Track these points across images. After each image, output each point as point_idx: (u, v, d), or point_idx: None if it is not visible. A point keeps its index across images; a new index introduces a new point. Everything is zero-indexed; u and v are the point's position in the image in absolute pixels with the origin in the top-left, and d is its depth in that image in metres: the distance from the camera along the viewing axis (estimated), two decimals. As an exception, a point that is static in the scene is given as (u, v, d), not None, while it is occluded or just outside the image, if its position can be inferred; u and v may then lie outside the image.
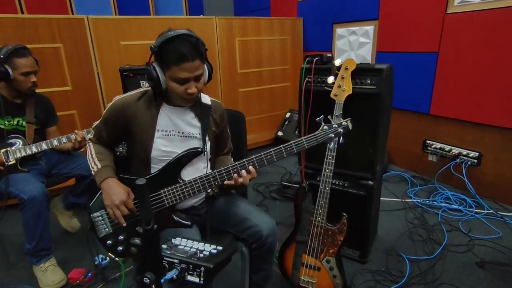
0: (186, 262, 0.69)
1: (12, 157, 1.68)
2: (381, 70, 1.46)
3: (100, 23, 2.61)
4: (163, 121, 1.19)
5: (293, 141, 1.19)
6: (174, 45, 1.03)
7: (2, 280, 1.74)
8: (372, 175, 1.62)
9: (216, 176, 1.14)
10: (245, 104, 3.67)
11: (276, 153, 1.16)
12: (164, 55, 1.06)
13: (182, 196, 1.15)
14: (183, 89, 1.10)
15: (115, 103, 1.19)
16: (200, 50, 1.07)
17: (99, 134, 1.24)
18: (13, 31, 2.32)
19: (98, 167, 1.16)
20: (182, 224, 1.16)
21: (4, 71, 1.59)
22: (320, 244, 1.45)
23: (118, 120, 1.18)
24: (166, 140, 1.19)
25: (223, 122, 1.34)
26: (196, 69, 1.08)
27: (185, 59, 1.04)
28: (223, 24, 3.23)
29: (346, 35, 3.27)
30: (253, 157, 1.15)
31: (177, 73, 1.06)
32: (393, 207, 2.36)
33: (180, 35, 1.04)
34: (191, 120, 1.23)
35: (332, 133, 1.25)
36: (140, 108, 1.18)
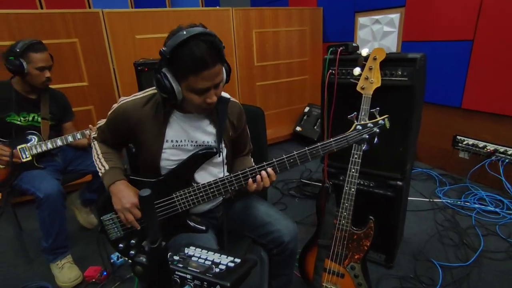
0: (200, 279, 0.61)
1: (28, 153, 1.67)
2: (415, 59, 1.32)
3: (115, 17, 2.57)
4: (173, 131, 1.06)
5: (320, 143, 1.05)
6: (189, 49, 0.85)
7: (21, 275, 1.75)
8: (401, 175, 1.49)
9: (233, 181, 1.03)
10: (263, 98, 3.57)
11: (300, 157, 1.03)
12: (178, 62, 0.88)
13: (196, 201, 1.05)
14: (202, 99, 0.95)
15: (118, 108, 1.06)
16: (220, 52, 0.91)
17: (103, 135, 1.15)
18: (30, 26, 2.31)
19: (106, 169, 1.08)
20: (196, 229, 1.08)
21: (19, 64, 1.56)
22: (345, 249, 1.34)
23: (121, 127, 1.07)
24: (177, 150, 1.08)
25: (241, 124, 1.19)
26: (217, 75, 0.92)
27: (205, 66, 0.87)
28: (239, 15, 3.12)
29: (369, 24, 3.09)
30: (274, 160, 1.03)
31: (196, 83, 0.90)
32: (420, 207, 2.21)
33: (196, 35, 0.85)
34: (206, 127, 1.10)
35: (367, 133, 1.11)
36: (146, 116, 1.04)
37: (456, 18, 2.40)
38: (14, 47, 1.58)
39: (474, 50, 2.33)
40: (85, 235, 2.08)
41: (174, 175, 1.07)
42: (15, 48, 1.57)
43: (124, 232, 1.11)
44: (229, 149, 1.17)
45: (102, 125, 1.14)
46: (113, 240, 1.13)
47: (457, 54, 2.45)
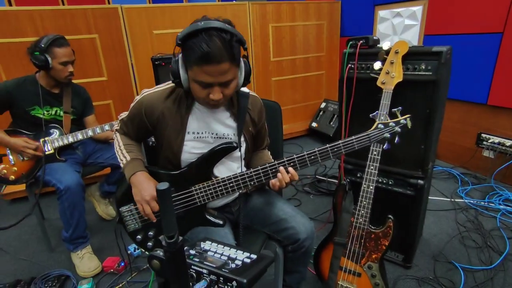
0: (216, 274, 0.60)
1: (51, 146, 1.72)
2: (440, 53, 1.26)
3: (133, 12, 2.60)
4: (195, 123, 1.07)
5: (342, 140, 1.04)
6: (199, 40, 0.84)
7: (43, 262, 1.82)
8: (423, 174, 1.43)
9: (253, 176, 1.03)
10: (278, 93, 3.54)
11: (322, 154, 1.01)
12: (187, 50, 0.88)
13: (214, 195, 1.06)
14: (205, 93, 0.94)
15: (141, 100, 1.07)
16: (231, 50, 0.87)
17: (125, 127, 1.16)
18: (52, 23, 2.37)
19: (127, 160, 1.09)
20: (214, 223, 1.09)
21: (44, 59, 1.61)
22: (362, 248, 1.31)
23: (144, 118, 1.07)
24: (198, 142, 1.08)
25: (261, 120, 1.19)
26: (222, 73, 0.89)
27: (208, 60, 0.85)
28: (256, 9, 3.09)
29: (390, 17, 2.99)
30: (295, 156, 1.02)
31: (197, 75, 0.90)
32: (440, 206, 2.13)
33: (210, 28, 0.85)
34: (225, 120, 1.10)
35: (388, 132, 1.08)
36: (169, 108, 1.05)
37: (484, 9, 2.28)
38: (39, 42, 1.62)
39: (503, 44, 2.21)
40: (104, 226, 2.13)
41: (193, 169, 1.08)
42: (40, 44, 1.61)
43: (142, 224, 1.12)
44: (248, 144, 1.17)
45: (124, 117, 1.15)
46: (131, 231, 1.14)
47: (484, 48, 2.33)
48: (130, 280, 1.64)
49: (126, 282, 1.62)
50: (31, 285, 1.57)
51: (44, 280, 1.61)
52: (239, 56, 0.93)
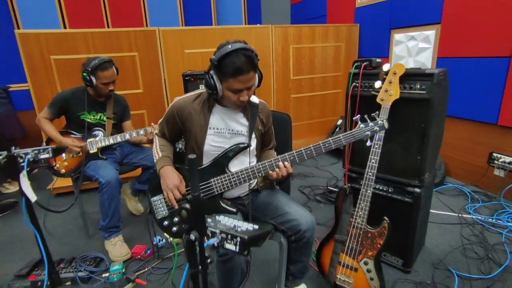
0: (225, 233, 0.81)
1: (95, 146, 2.03)
2: (432, 74, 1.43)
3: (168, 34, 2.96)
4: (215, 120, 1.34)
5: (331, 137, 1.26)
6: (232, 59, 1.15)
7: (82, 247, 2.09)
8: (419, 183, 1.57)
9: (260, 168, 1.26)
10: (296, 109, 3.76)
11: (316, 149, 1.25)
12: (222, 68, 1.18)
13: (229, 185, 1.29)
14: (237, 97, 1.23)
15: (174, 104, 1.37)
16: (254, 62, 1.19)
17: (162, 130, 1.45)
18: (101, 42, 2.76)
19: (160, 156, 1.37)
20: (228, 211, 1.30)
21: (89, 80, 1.95)
22: (359, 245, 1.47)
23: (176, 119, 1.36)
24: (217, 136, 1.34)
25: (268, 121, 1.45)
26: (250, 80, 1.21)
27: (242, 72, 1.16)
28: (278, 32, 3.38)
29: (405, 40, 3.17)
30: (294, 152, 1.25)
31: (233, 84, 1.19)
32: (446, 220, 2.21)
33: (238, 49, 1.15)
34: (240, 119, 1.37)
35: (368, 131, 1.30)
36: (195, 109, 1.34)
37: (493, 35, 2.41)
38: (87, 65, 1.94)
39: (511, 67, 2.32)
40: (133, 220, 2.40)
41: (212, 165, 1.33)
42: (88, 67, 1.93)
43: (169, 211, 1.36)
44: (258, 141, 1.42)
45: (161, 121, 1.45)
46: (159, 219, 1.38)
47: (493, 71, 2.44)
48: (154, 266, 1.86)
49: (151, 268, 1.84)
50: (72, 262, 1.83)
51: (83, 260, 1.87)
52: (257, 65, 1.23)
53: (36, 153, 1.22)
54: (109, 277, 1.77)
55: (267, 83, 3.50)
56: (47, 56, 2.66)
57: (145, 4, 4.21)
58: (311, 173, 3.18)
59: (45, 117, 2.03)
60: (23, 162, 1.17)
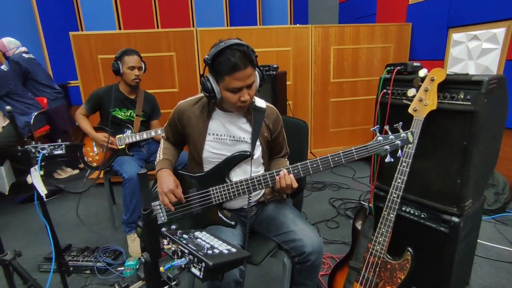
0: (193, 255, 0.74)
1: (123, 142, 2.11)
2: (480, 82, 1.18)
3: (205, 34, 2.99)
4: (215, 126, 1.26)
5: (342, 151, 1.12)
6: (225, 56, 1.07)
7: (107, 237, 2.20)
8: (458, 211, 1.32)
9: (261, 180, 1.16)
10: (336, 114, 3.54)
11: (323, 162, 1.12)
12: (217, 66, 1.10)
13: (228, 195, 1.21)
14: (237, 98, 1.13)
15: (176, 108, 1.31)
16: (250, 57, 1.09)
17: (167, 133, 1.40)
18: (143, 42, 2.89)
19: (159, 159, 1.33)
20: (226, 223, 1.22)
21: (117, 66, 2.06)
22: (376, 276, 1.28)
23: (177, 123, 1.30)
24: (217, 143, 1.26)
25: (276, 128, 1.32)
26: (248, 77, 1.11)
27: (237, 68, 1.07)
28: (319, 32, 3.20)
29: (465, 40, 2.76)
30: (299, 164, 1.12)
31: (230, 83, 1.10)
32: (503, 257, 1.85)
33: (230, 45, 1.07)
34: (242, 125, 1.27)
35: (387, 145, 1.11)
36: (195, 113, 1.27)
37: None
38: (117, 54, 2.07)
39: None
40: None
41: (212, 172, 1.25)
42: (117, 55, 2.06)
43: (168, 217, 1.30)
44: (265, 149, 1.31)
45: (166, 125, 1.41)
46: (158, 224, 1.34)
47: None
48: (166, 266, 1.87)
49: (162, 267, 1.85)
50: (95, 252, 1.93)
51: (105, 251, 1.96)
52: (256, 61, 1.14)
53: (51, 148, 1.28)
54: (123, 271, 1.82)
55: (305, 86, 3.35)
56: (95, 56, 2.87)
57: (192, 5, 4.33)
58: (346, 184, 2.95)
59: (82, 113, 2.17)
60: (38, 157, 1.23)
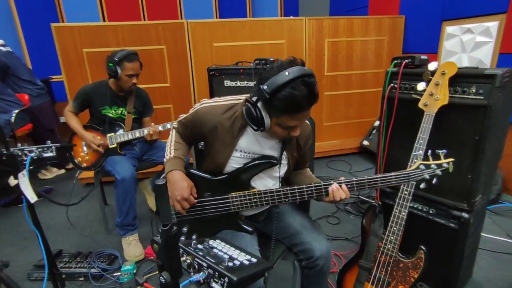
0: (213, 268, 0.67)
1: (114, 141, 2.00)
2: (494, 76, 1.15)
3: (197, 26, 2.87)
4: (245, 143, 1.11)
5: (380, 175, 1.06)
6: (290, 93, 0.88)
7: (100, 241, 2.10)
8: (468, 206, 1.31)
9: (288, 194, 1.06)
10: (330, 108, 3.50)
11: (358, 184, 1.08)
12: (276, 101, 0.91)
13: (249, 205, 1.10)
14: (287, 133, 1.01)
15: (199, 109, 1.13)
16: (317, 95, 0.93)
17: (181, 128, 1.22)
18: (130, 35, 2.75)
19: (171, 156, 1.16)
20: (244, 230, 1.14)
21: (115, 70, 1.90)
22: (388, 276, 1.25)
23: (197, 129, 1.13)
24: (243, 159, 1.12)
25: (307, 145, 1.22)
26: (307, 115, 0.97)
27: (302, 109, 0.92)
28: (313, 24, 3.13)
29: (459, 34, 2.76)
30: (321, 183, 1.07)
31: (287, 122, 0.96)
32: (504, 248, 1.87)
33: (298, 77, 0.88)
34: (275, 144, 1.13)
35: (428, 174, 1.08)
36: (223, 124, 1.08)
37: None
38: (114, 55, 1.90)
39: None
40: (152, 217, 2.36)
41: (233, 177, 1.13)
42: (115, 57, 1.89)
43: (177, 219, 1.21)
44: (290, 168, 1.20)
45: (182, 120, 1.20)
46: None
47: None
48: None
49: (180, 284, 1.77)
50: (88, 258, 1.83)
51: (98, 256, 1.86)
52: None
53: (40, 151, 1.17)
54: (120, 276, 1.73)
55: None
56: (80, 49, 2.71)
57: (180, -4, 4.18)
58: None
59: (70, 111, 2.04)
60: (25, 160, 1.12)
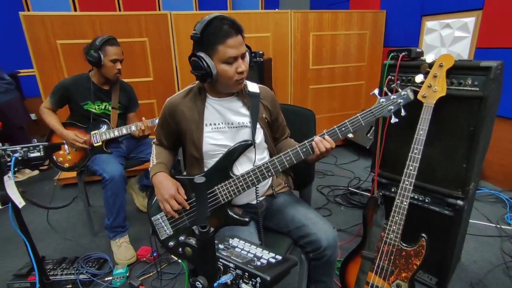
0: (242, 269, 0.64)
1: (99, 139, 1.88)
2: (489, 68, 1.19)
3: (180, 18, 2.76)
4: (210, 114, 1.17)
5: (348, 119, 1.12)
6: (215, 25, 1.02)
7: (86, 245, 1.98)
8: (463, 194, 1.36)
9: (269, 167, 1.09)
10: (315, 101, 3.52)
11: (331, 134, 1.12)
12: (207, 38, 1.03)
13: (236, 191, 1.11)
14: (234, 70, 1.06)
15: (165, 105, 1.20)
16: (239, 25, 1.05)
17: (159, 137, 1.28)
18: (109, 27, 2.59)
19: (153, 164, 1.21)
20: (239, 221, 1.12)
21: (97, 56, 1.77)
22: (391, 264, 1.28)
23: (169, 121, 1.19)
24: (217, 133, 1.17)
25: (275, 108, 1.27)
26: (241, 44, 1.05)
27: (230, 34, 1.02)
28: (298, 17, 3.12)
29: (438, 28, 2.86)
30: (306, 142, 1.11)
31: (225, 52, 1.03)
32: (484, 232, 1.99)
33: (217, 16, 1.03)
34: (239, 109, 1.19)
35: (391, 104, 1.14)
36: (187, 105, 1.17)
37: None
38: (94, 41, 1.79)
39: None
40: (141, 217, 2.27)
41: (214, 170, 1.14)
42: (95, 42, 1.78)
43: (173, 230, 1.17)
44: (266, 132, 1.23)
45: (156, 128, 1.27)
46: (163, 239, 1.19)
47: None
48: (160, 271, 1.73)
49: (156, 272, 1.71)
50: (75, 263, 1.72)
51: (86, 260, 1.76)
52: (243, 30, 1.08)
53: (25, 151, 1.07)
54: (112, 281, 1.65)
55: (284, 73, 3.27)
56: (53, 41, 2.52)
57: (158, -14, 4.01)
58: (330, 171, 2.97)
59: (47, 108, 1.89)
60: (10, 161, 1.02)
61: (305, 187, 1.45)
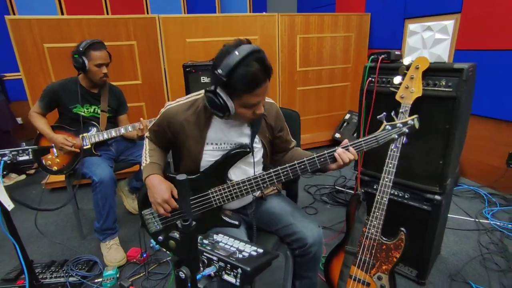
0: (224, 261, 0.68)
1: (88, 141, 1.90)
2: (461, 70, 1.27)
3: (169, 22, 2.79)
4: (213, 134, 1.14)
5: (351, 142, 1.11)
6: (244, 70, 0.92)
7: (75, 248, 1.98)
8: (440, 189, 1.43)
9: (265, 179, 1.09)
10: (302, 103, 3.59)
11: (330, 156, 1.10)
12: (233, 83, 0.94)
13: (230, 197, 1.13)
14: (251, 112, 1.03)
15: (165, 113, 1.15)
16: (269, 67, 0.97)
17: (152, 136, 1.26)
18: (98, 30, 2.60)
19: (146, 163, 1.19)
20: (230, 224, 1.15)
21: (82, 62, 1.78)
22: (372, 258, 1.33)
23: (166, 131, 1.16)
24: (217, 151, 1.15)
25: (278, 124, 1.24)
26: (266, 89, 1.00)
27: (259, 84, 0.95)
28: (285, 20, 3.19)
29: (420, 31, 2.96)
30: (305, 159, 1.09)
31: (249, 100, 0.98)
32: (462, 226, 2.07)
33: (248, 55, 0.92)
34: (243, 129, 1.17)
35: (396, 133, 1.13)
36: (189, 120, 1.12)
37: (518, 26, 2.22)
38: (78, 46, 1.80)
39: (538, 61, 2.14)
40: (131, 219, 2.29)
41: (209, 173, 1.15)
42: (79, 47, 1.79)
43: (163, 225, 1.20)
44: (266, 150, 1.23)
45: (151, 127, 1.24)
46: (153, 233, 1.22)
47: (517, 65, 2.26)
48: (150, 271, 1.75)
49: (146, 273, 1.73)
50: (64, 266, 1.73)
51: (75, 263, 1.76)
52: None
53: (14, 154, 1.09)
54: (102, 282, 1.66)
55: (273, 75, 3.32)
56: (40, 44, 2.51)
57: (146, -10, 4.02)
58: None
59: (36, 112, 1.89)
60: (-1, 164, 1.03)
61: (292, 185, 1.49)
